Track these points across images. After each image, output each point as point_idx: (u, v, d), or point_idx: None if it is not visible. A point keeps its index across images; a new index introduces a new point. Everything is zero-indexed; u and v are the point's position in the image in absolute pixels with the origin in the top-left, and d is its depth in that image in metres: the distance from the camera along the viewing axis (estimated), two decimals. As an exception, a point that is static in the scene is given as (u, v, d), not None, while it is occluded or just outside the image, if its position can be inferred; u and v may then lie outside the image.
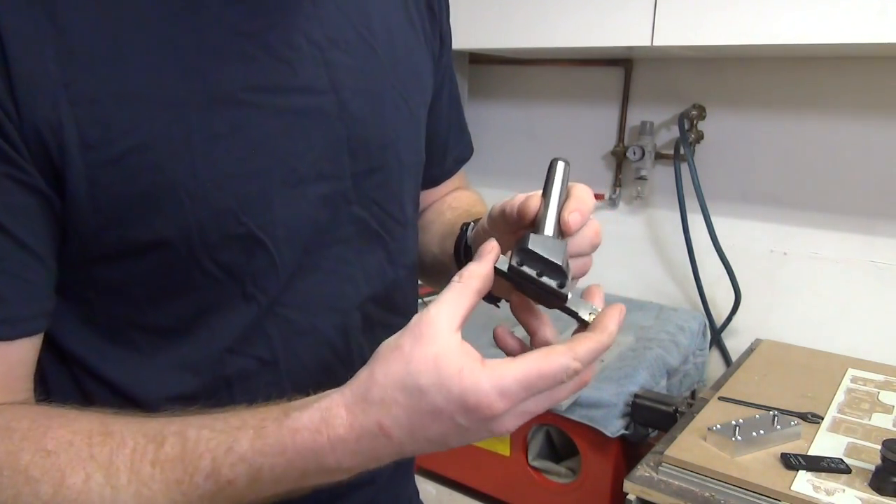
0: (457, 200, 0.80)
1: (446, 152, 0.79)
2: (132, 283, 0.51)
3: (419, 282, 0.73)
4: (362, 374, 0.44)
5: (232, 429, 0.44)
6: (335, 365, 0.60)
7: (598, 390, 1.22)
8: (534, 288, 0.46)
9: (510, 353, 0.48)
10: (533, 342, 0.49)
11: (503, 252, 0.47)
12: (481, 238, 0.56)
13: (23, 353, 0.48)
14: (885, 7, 1.04)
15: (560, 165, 0.52)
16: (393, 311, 0.65)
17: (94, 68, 0.46)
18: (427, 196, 0.79)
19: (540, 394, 0.43)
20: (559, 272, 0.45)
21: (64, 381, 0.55)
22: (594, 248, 0.52)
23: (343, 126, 0.57)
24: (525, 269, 0.45)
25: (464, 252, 0.66)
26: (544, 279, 0.45)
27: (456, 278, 0.45)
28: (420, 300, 0.71)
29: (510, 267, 0.46)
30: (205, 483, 0.44)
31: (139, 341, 0.53)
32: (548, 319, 0.49)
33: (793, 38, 1.13)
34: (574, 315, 0.47)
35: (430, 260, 0.75)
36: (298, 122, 0.54)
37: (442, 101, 0.75)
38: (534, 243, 0.45)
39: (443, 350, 0.42)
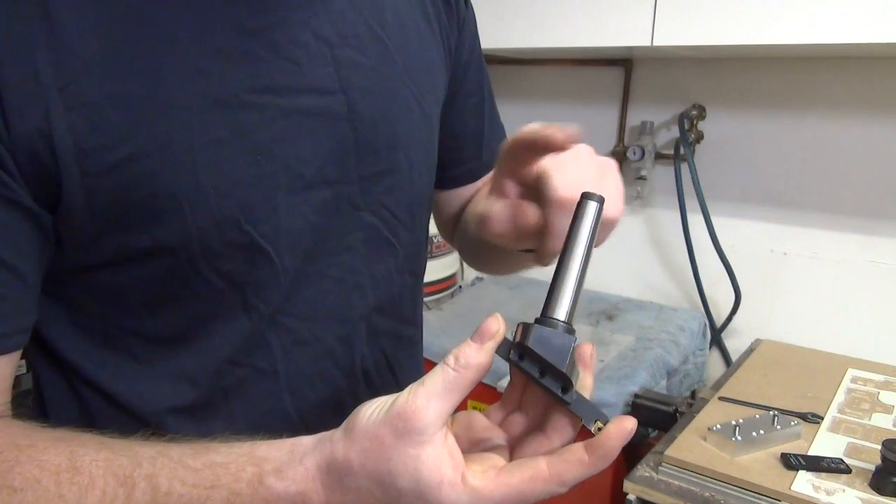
0: None
1: (481, 144, 0.75)
2: (130, 289, 0.50)
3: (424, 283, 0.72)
4: (338, 451, 0.41)
5: (205, 486, 0.42)
6: (336, 376, 0.58)
7: (598, 390, 1.22)
8: (535, 383, 0.41)
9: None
10: (523, 447, 0.44)
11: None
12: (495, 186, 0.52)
13: None
14: (885, 7, 1.04)
15: (590, 209, 0.42)
16: (399, 320, 0.63)
17: (90, 70, 0.44)
18: (469, 191, 0.76)
19: None
20: (561, 377, 0.40)
21: (61, 389, 0.54)
22: None
23: (350, 128, 0.55)
24: (525, 365, 0.41)
25: None
26: (546, 381, 0.40)
27: (451, 361, 0.40)
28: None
29: (509, 359, 0.41)
30: None
31: (136, 349, 0.52)
32: (559, 425, 0.43)
33: (793, 38, 1.13)
34: (577, 419, 0.42)
35: (482, 251, 0.71)
36: (305, 124, 0.52)
37: (469, 91, 0.71)
38: (535, 340, 0.40)
39: (426, 455, 0.39)
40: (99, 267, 0.49)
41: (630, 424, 0.39)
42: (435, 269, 1.65)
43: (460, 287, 1.82)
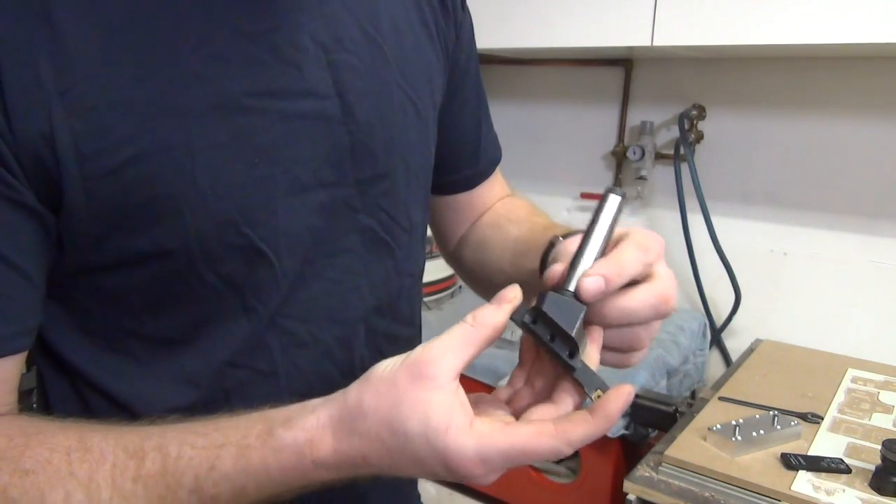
0: (513, 212, 0.75)
1: (478, 151, 0.75)
2: (130, 292, 0.50)
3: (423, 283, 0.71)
4: (351, 397, 0.43)
5: (214, 446, 0.43)
6: (336, 377, 0.59)
7: (598, 390, 1.22)
8: (545, 348, 0.44)
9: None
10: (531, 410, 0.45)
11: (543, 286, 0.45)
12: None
13: (4, 371, 0.47)
14: (885, 7, 1.04)
15: (612, 202, 0.46)
16: (398, 321, 0.64)
17: (90, 75, 0.44)
18: (471, 202, 0.76)
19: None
20: (569, 341, 0.43)
21: (64, 391, 0.54)
22: (651, 316, 0.46)
23: (346, 131, 0.55)
24: (536, 328, 0.43)
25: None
26: (555, 345, 0.43)
27: (469, 319, 0.43)
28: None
29: (522, 323, 0.44)
30: (188, 497, 0.43)
31: (137, 351, 0.52)
32: (565, 395, 0.45)
33: (793, 38, 1.13)
34: (580, 387, 0.44)
35: (502, 280, 0.68)
36: (303, 127, 0.52)
37: (466, 96, 0.71)
38: (550, 305, 0.43)
39: (436, 400, 0.41)
40: (100, 269, 0.49)
41: (628, 388, 0.42)
42: (435, 269, 1.65)
43: (460, 287, 1.82)
